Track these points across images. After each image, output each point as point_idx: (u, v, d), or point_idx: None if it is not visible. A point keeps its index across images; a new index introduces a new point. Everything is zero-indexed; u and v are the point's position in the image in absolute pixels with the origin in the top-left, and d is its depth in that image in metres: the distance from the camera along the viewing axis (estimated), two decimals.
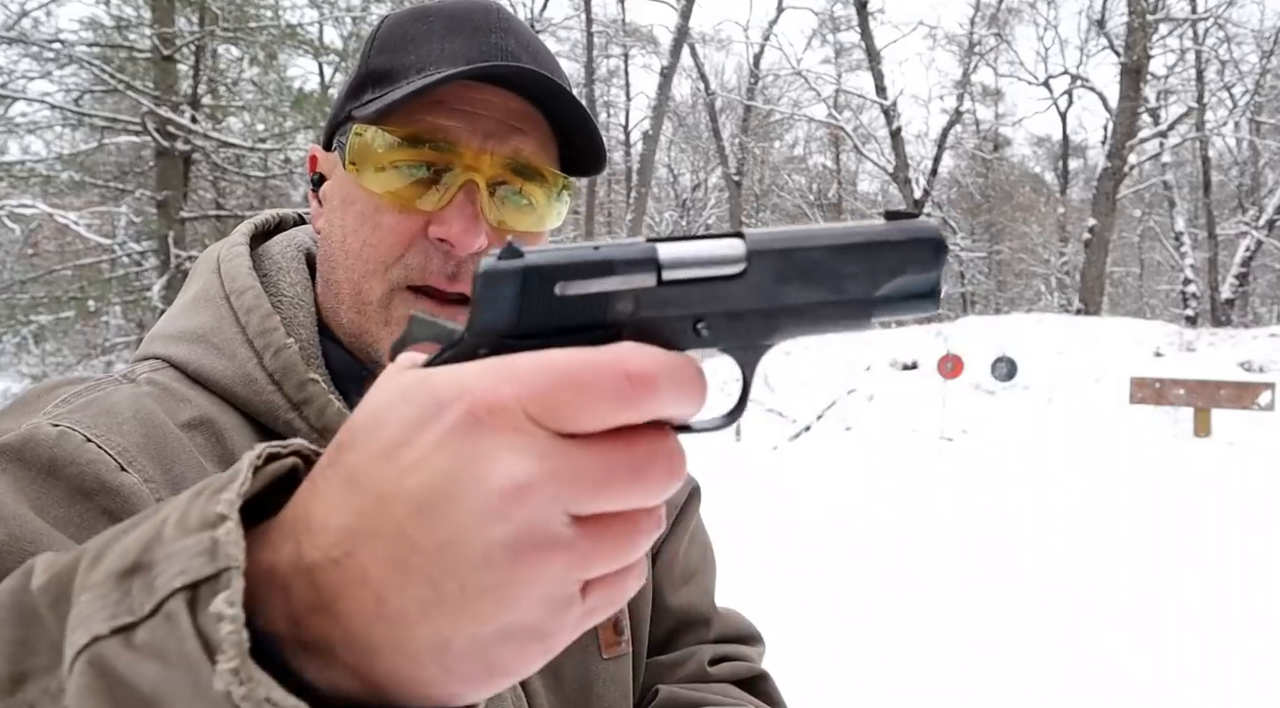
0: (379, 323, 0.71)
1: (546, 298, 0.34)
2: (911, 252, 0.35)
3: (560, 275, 0.34)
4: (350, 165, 0.70)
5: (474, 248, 0.68)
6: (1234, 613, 5.12)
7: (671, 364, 0.34)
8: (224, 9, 11.62)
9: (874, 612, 5.21)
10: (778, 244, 0.35)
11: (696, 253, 0.35)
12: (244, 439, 0.67)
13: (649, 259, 0.35)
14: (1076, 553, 6.49)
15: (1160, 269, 34.76)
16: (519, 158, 0.70)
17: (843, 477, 10.01)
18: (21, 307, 11.51)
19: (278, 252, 0.80)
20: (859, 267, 0.35)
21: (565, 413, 0.33)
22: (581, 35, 25.74)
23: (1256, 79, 22.77)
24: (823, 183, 36.52)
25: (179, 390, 0.68)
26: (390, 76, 0.71)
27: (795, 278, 0.35)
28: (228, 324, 0.71)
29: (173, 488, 0.60)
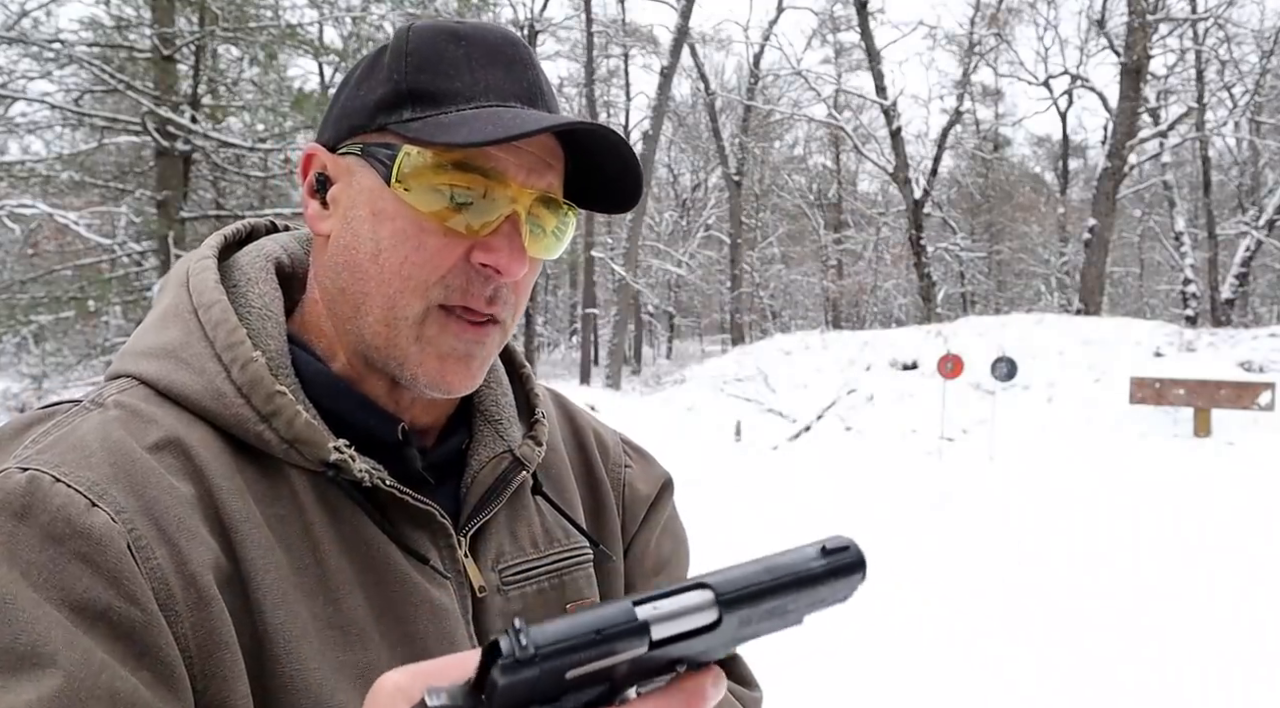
0: (410, 339, 0.73)
1: (558, 681, 0.39)
2: (842, 583, 0.43)
3: (571, 665, 0.39)
4: (397, 183, 0.71)
5: (519, 275, 0.73)
6: (1234, 613, 5.12)
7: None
8: (224, 9, 11.62)
9: (874, 611, 5.21)
10: (743, 595, 0.41)
11: (673, 609, 0.41)
12: (213, 454, 0.68)
13: (641, 632, 0.40)
14: (1076, 553, 6.50)
15: (1160, 269, 34.78)
16: (550, 192, 0.75)
17: (843, 477, 10.00)
18: (21, 307, 11.50)
19: (246, 263, 0.81)
20: (803, 601, 0.43)
21: None
22: (581, 35, 25.74)
23: (1256, 79, 22.77)
24: (823, 183, 36.53)
25: (146, 411, 0.69)
26: (435, 99, 0.72)
27: (755, 619, 0.42)
28: (196, 339, 0.72)
29: (145, 513, 0.62)
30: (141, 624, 0.58)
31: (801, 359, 16.85)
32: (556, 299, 39.61)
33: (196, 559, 0.62)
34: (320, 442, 0.70)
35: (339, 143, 0.76)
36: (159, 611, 0.59)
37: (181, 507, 0.64)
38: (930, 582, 5.84)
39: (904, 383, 14.61)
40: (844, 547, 0.43)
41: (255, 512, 0.67)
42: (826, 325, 31.89)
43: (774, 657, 4.48)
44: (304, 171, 0.79)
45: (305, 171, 0.78)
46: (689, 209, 36.38)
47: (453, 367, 0.73)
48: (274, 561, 0.66)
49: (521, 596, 0.80)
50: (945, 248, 30.90)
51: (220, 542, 0.65)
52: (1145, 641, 4.71)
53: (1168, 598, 5.42)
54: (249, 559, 0.65)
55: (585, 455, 0.94)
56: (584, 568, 0.85)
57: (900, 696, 4.07)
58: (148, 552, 0.60)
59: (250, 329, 0.74)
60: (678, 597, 0.41)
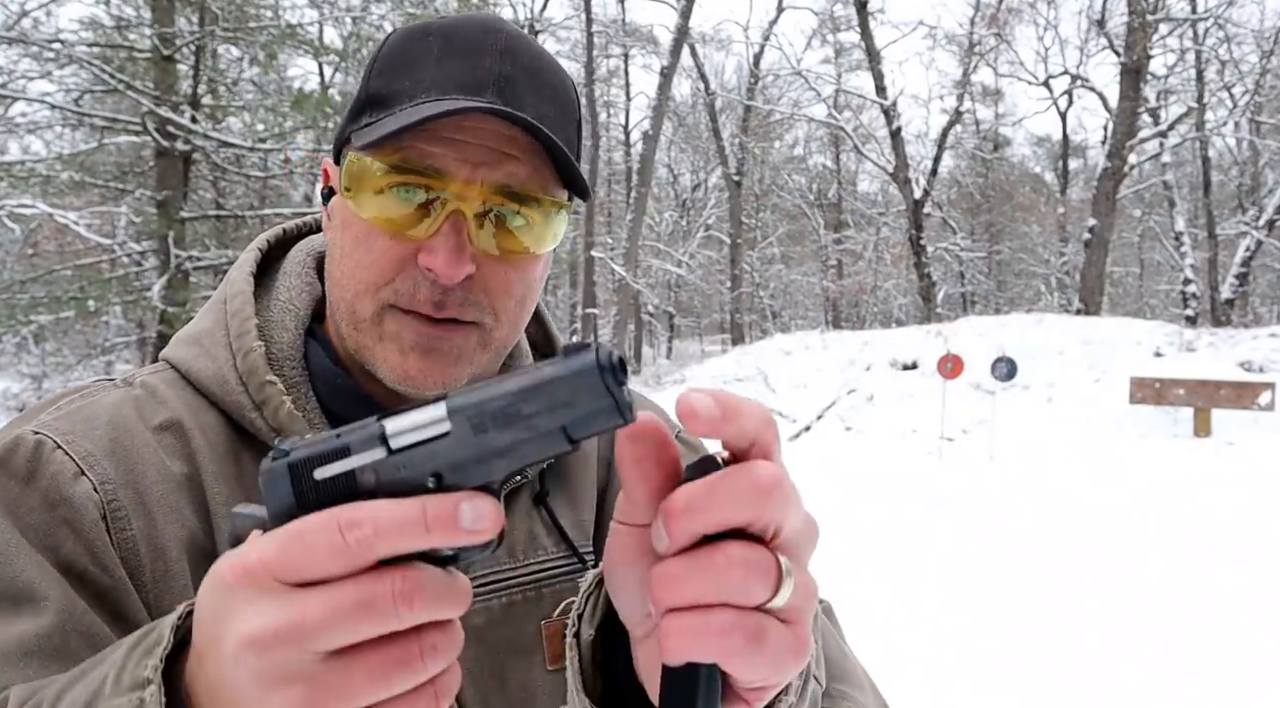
0: (374, 338, 0.73)
1: (311, 483, 0.42)
2: (577, 383, 0.40)
3: (315, 463, 0.42)
4: (345, 191, 0.72)
5: (458, 279, 0.69)
6: (1234, 613, 5.12)
7: (386, 510, 0.40)
8: (224, 9, 11.62)
9: (874, 611, 5.20)
10: (467, 401, 0.41)
11: (412, 422, 0.42)
12: (211, 438, 0.73)
13: (378, 435, 0.42)
14: (1076, 553, 6.49)
15: (1160, 269, 34.77)
16: (511, 184, 0.70)
17: (843, 477, 10.00)
18: (21, 307, 11.50)
19: (291, 256, 0.85)
20: (539, 405, 0.40)
21: (296, 565, 0.40)
22: (581, 35, 25.73)
23: (1256, 79, 22.76)
24: (823, 183, 36.51)
25: (163, 394, 0.74)
26: (385, 102, 0.71)
27: (490, 426, 0.41)
28: (219, 327, 0.77)
29: (131, 486, 0.68)
30: (110, 589, 0.64)
31: (801, 359, 16.84)
32: (556, 299, 39.59)
33: (170, 534, 0.67)
34: (301, 431, 0.73)
35: (336, 155, 0.78)
36: (127, 578, 0.65)
37: (168, 484, 0.69)
38: (930, 582, 5.84)
39: (904, 383, 14.61)
40: (582, 346, 0.41)
41: (242, 498, 0.71)
42: (826, 325, 31.88)
43: None
44: (324, 183, 0.81)
45: (325, 184, 0.81)
46: (689, 209, 36.36)
47: (415, 361, 0.71)
48: None
49: (486, 609, 0.76)
50: (945, 248, 30.88)
51: (203, 522, 0.70)
52: (1145, 640, 4.71)
53: (1168, 598, 5.42)
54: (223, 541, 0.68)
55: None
56: (573, 578, 0.81)
57: (899, 695, 4.07)
58: (124, 523, 0.66)
59: (270, 321, 0.79)
60: (422, 409, 0.42)
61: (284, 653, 0.40)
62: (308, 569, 0.40)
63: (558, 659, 0.78)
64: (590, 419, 0.40)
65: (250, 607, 0.40)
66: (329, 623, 0.39)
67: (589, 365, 0.40)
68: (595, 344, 0.41)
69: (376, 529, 0.39)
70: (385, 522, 0.39)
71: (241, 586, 0.41)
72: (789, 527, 0.43)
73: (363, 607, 0.39)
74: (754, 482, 0.41)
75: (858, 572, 6.05)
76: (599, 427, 0.41)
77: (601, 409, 0.40)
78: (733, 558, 0.41)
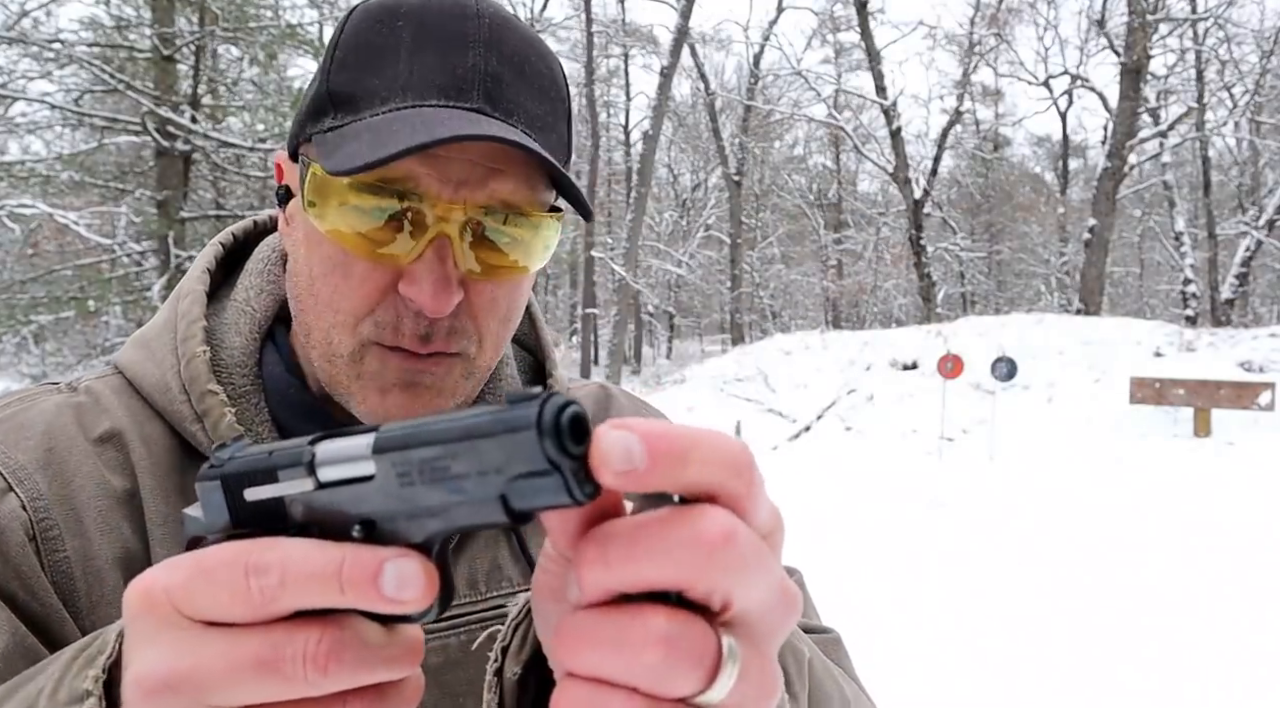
0: (350, 377, 0.65)
1: (242, 502, 0.37)
2: (511, 445, 0.31)
3: (244, 482, 0.37)
4: (309, 206, 0.62)
5: (445, 312, 0.62)
6: (1234, 612, 5.12)
7: (297, 557, 0.33)
8: (224, 9, 11.62)
9: (874, 611, 5.20)
10: (394, 441, 0.34)
11: (340, 452, 0.35)
12: (152, 451, 0.66)
13: (305, 462, 0.36)
14: (1076, 553, 6.49)
15: (1160, 269, 34.78)
16: (495, 202, 0.63)
17: (843, 477, 10.00)
18: (21, 307, 11.51)
19: (257, 252, 0.78)
20: (469, 465, 0.32)
21: (197, 602, 0.34)
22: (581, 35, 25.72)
23: (1256, 79, 22.77)
24: (823, 183, 36.52)
25: (106, 400, 0.68)
26: (351, 102, 0.62)
27: (415, 480, 0.33)
28: (167, 329, 0.71)
29: (65, 502, 0.62)
30: (42, 617, 0.58)
31: (801, 359, 16.85)
32: (556, 299, 39.60)
33: (107, 555, 0.62)
34: None
35: (293, 150, 0.68)
36: (60, 605, 0.59)
37: (106, 500, 0.63)
38: (929, 582, 5.84)
39: (904, 383, 14.61)
40: (528, 397, 0.32)
41: (178, 515, 0.65)
42: (826, 325, 31.87)
43: None
44: (278, 181, 0.72)
45: (279, 181, 0.71)
46: (689, 209, 36.35)
47: (395, 399, 0.64)
48: None
49: (444, 648, 0.68)
50: (945, 248, 30.89)
51: (140, 542, 0.64)
52: (1145, 640, 4.71)
53: (1168, 598, 5.42)
54: (159, 558, 0.63)
55: None
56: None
57: (899, 695, 4.06)
58: (55, 543, 0.60)
59: (222, 322, 0.71)
60: (354, 437, 0.35)
61: (175, 702, 0.34)
62: (209, 609, 0.34)
63: None
64: (530, 492, 0.32)
65: (147, 643, 0.35)
66: (225, 679, 0.34)
67: (525, 424, 0.31)
68: (543, 396, 0.32)
69: (283, 579, 0.33)
70: (294, 573, 0.33)
71: (143, 613, 0.35)
72: (747, 599, 0.32)
73: (265, 666, 0.33)
74: (696, 534, 0.31)
75: (857, 572, 6.05)
76: (543, 502, 0.32)
77: (542, 483, 0.31)
78: (651, 631, 0.31)
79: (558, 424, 0.31)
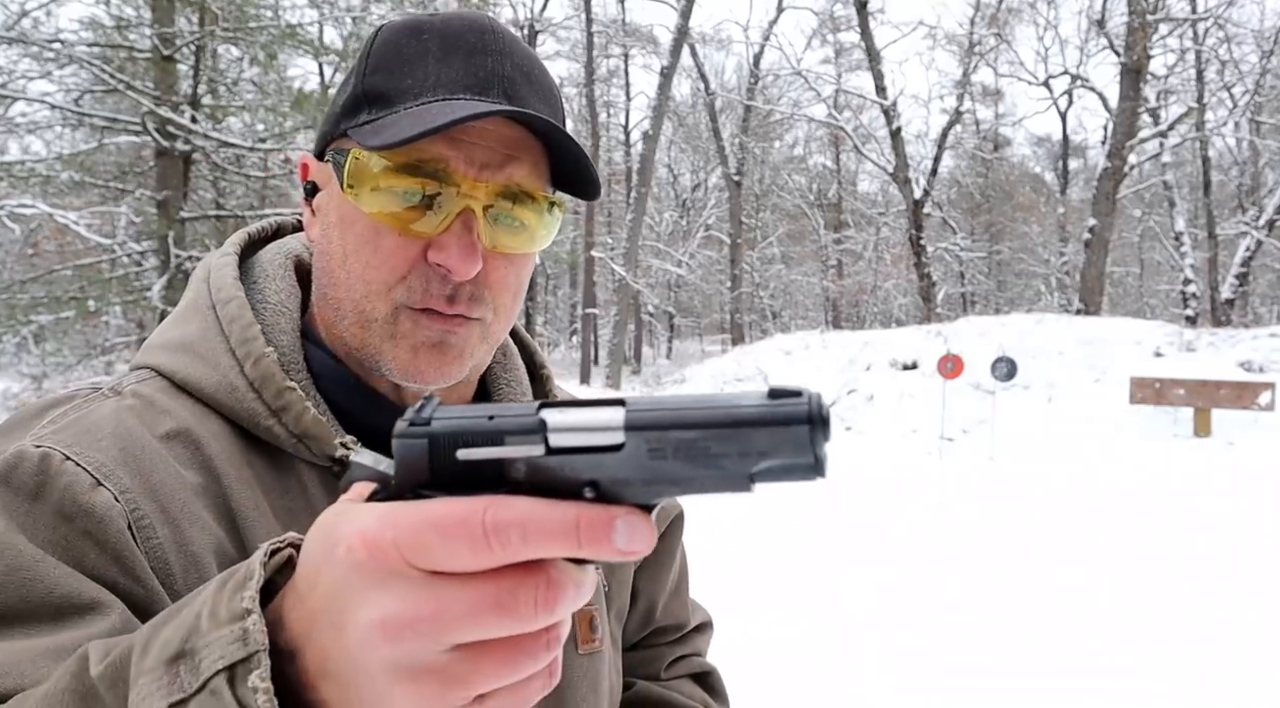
0: (384, 338, 0.73)
1: (450, 460, 0.40)
2: (782, 435, 0.37)
3: (459, 442, 0.39)
4: (348, 187, 0.71)
5: (471, 274, 0.71)
6: (1234, 612, 5.12)
7: (537, 516, 0.37)
8: (224, 9, 11.61)
9: (874, 611, 5.21)
10: (652, 421, 0.38)
11: (580, 421, 0.38)
12: (222, 445, 0.71)
13: (537, 429, 0.39)
14: (1076, 553, 6.50)
15: (1160, 269, 34.78)
16: (512, 184, 0.72)
17: (843, 477, 10.00)
18: (21, 307, 11.50)
19: (268, 260, 0.84)
20: (731, 447, 0.37)
21: (433, 556, 0.37)
22: (581, 35, 25.73)
23: (1256, 79, 22.76)
24: (823, 183, 36.51)
25: (161, 402, 0.72)
26: (387, 99, 0.71)
27: (669, 455, 0.37)
28: (213, 333, 0.75)
29: (150, 495, 0.65)
30: (144, 599, 0.61)
31: (801, 359, 16.84)
32: (556, 299, 39.61)
33: (199, 541, 0.65)
34: (327, 437, 0.72)
35: (322, 150, 0.77)
36: (160, 587, 0.62)
37: (186, 492, 0.66)
38: (930, 582, 5.84)
39: (904, 383, 14.60)
40: (794, 392, 0.37)
41: (264, 503, 0.70)
42: (826, 325, 31.89)
43: (773, 655, 4.48)
44: (303, 179, 0.81)
45: (304, 179, 0.80)
46: (689, 209, 36.36)
47: (425, 355, 0.73)
48: None
49: None
50: (945, 248, 30.89)
51: (226, 529, 0.68)
52: (1146, 640, 4.71)
53: (1168, 597, 5.42)
54: (255, 545, 0.66)
55: None
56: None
57: (900, 695, 4.06)
58: (149, 531, 0.63)
59: (265, 324, 0.77)
60: (590, 409, 0.39)
61: (418, 644, 0.38)
62: (442, 562, 0.38)
63: (586, 643, 0.85)
64: (784, 472, 0.37)
65: (384, 590, 0.38)
66: (468, 620, 0.38)
67: (799, 417, 0.37)
68: (808, 394, 0.37)
69: (525, 535, 0.37)
70: (535, 529, 0.37)
71: (374, 566, 0.38)
72: None
73: (503, 609, 0.38)
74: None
75: (857, 572, 6.05)
76: (789, 479, 0.37)
77: (800, 465, 0.37)
78: None
79: (823, 417, 0.37)
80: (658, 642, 1.04)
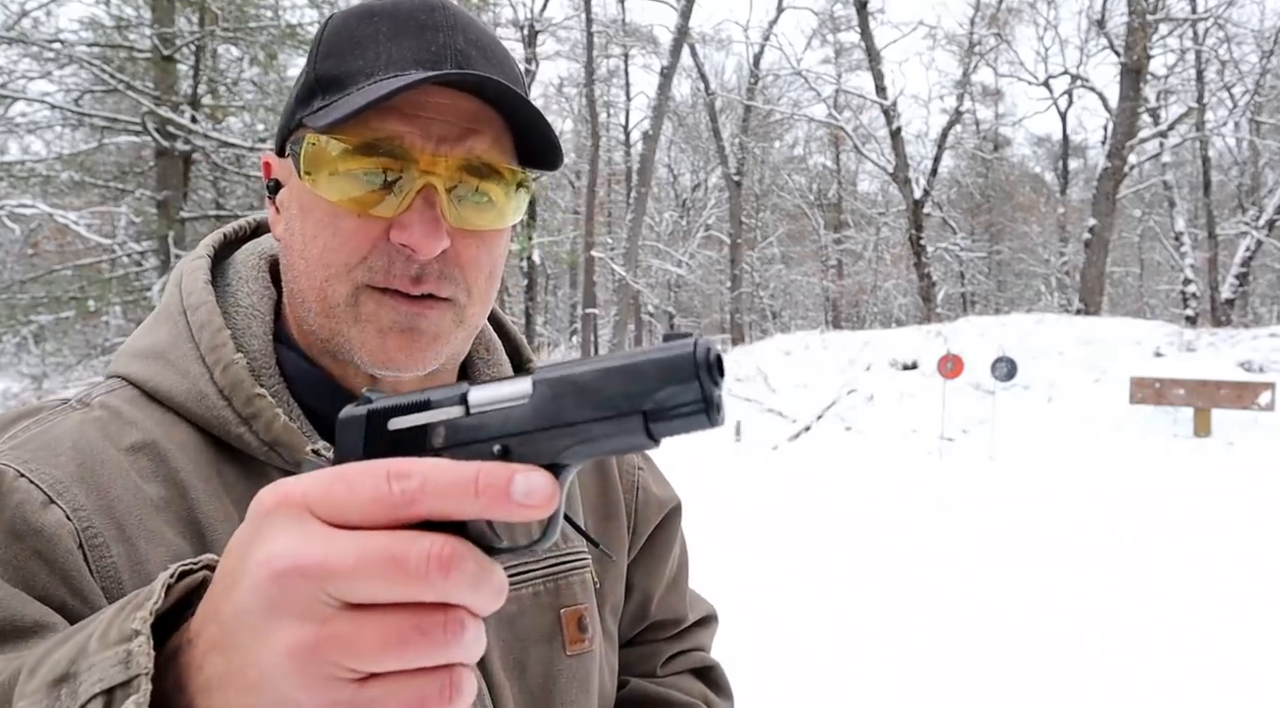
0: (348, 322, 0.71)
1: (384, 432, 0.43)
2: (668, 370, 0.38)
3: (391, 413, 0.43)
4: (306, 174, 0.69)
5: (436, 252, 0.68)
6: (1234, 612, 5.12)
7: (440, 469, 0.37)
8: (224, 9, 11.62)
9: (874, 611, 5.21)
10: (555, 373, 0.41)
11: (496, 390, 0.42)
12: (190, 455, 0.70)
13: (460, 396, 0.42)
14: (1077, 553, 6.49)
15: (1160, 269, 34.76)
16: (473, 158, 0.70)
17: (843, 477, 10.00)
18: (21, 307, 11.51)
19: (241, 261, 0.82)
20: (622, 386, 0.39)
21: (334, 504, 0.38)
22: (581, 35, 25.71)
23: (1256, 79, 22.76)
24: (823, 183, 36.50)
25: (128, 413, 0.71)
26: (339, 83, 0.70)
27: (568, 396, 0.40)
28: (183, 340, 0.74)
29: (106, 512, 0.64)
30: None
31: (801, 359, 16.84)
32: (556, 299, 39.61)
33: (156, 560, 0.63)
34: (298, 444, 0.70)
35: (281, 145, 0.76)
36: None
37: (146, 508, 0.65)
38: (930, 582, 5.84)
39: (904, 383, 14.60)
40: (683, 335, 0.40)
41: (234, 513, 0.68)
42: (826, 325, 31.87)
43: (771, 654, 4.48)
44: (266, 178, 0.79)
45: (267, 178, 0.79)
46: (689, 209, 36.35)
47: (394, 340, 0.70)
48: None
49: (517, 598, 0.80)
50: (945, 248, 30.88)
51: (192, 543, 0.66)
52: (1145, 640, 4.71)
53: (1168, 598, 5.42)
54: None
55: None
56: (580, 573, 0.85)
57: (900, 695, 4.07)
58: (102, 550, 0.62)
59: (236, 328, 0.75)
60: (508, 382, 0.42)
61: (300, 586, 0.37)
62: (346, 511, 0.38)
63: (575, 643, 0.84)
64: (674, 413, 0.38)
65: (279, 532, 0.38)
66: (354, 569, 0.37)
67: (684, 353, 0.38)
68: (695, 336, 0.39)
69: (424, 484, 0.37)
70: (435, 479, 0.37)
71: (278, 513, 0.39)
72: None
73: (394, 562, 0.36)
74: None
75: (857, 572, 6.05)
76: (682, 425, 0.39)
77: (687, 404, 0.38)
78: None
79: (708, 359, 0.38)
80: (654, 637, 1.01)
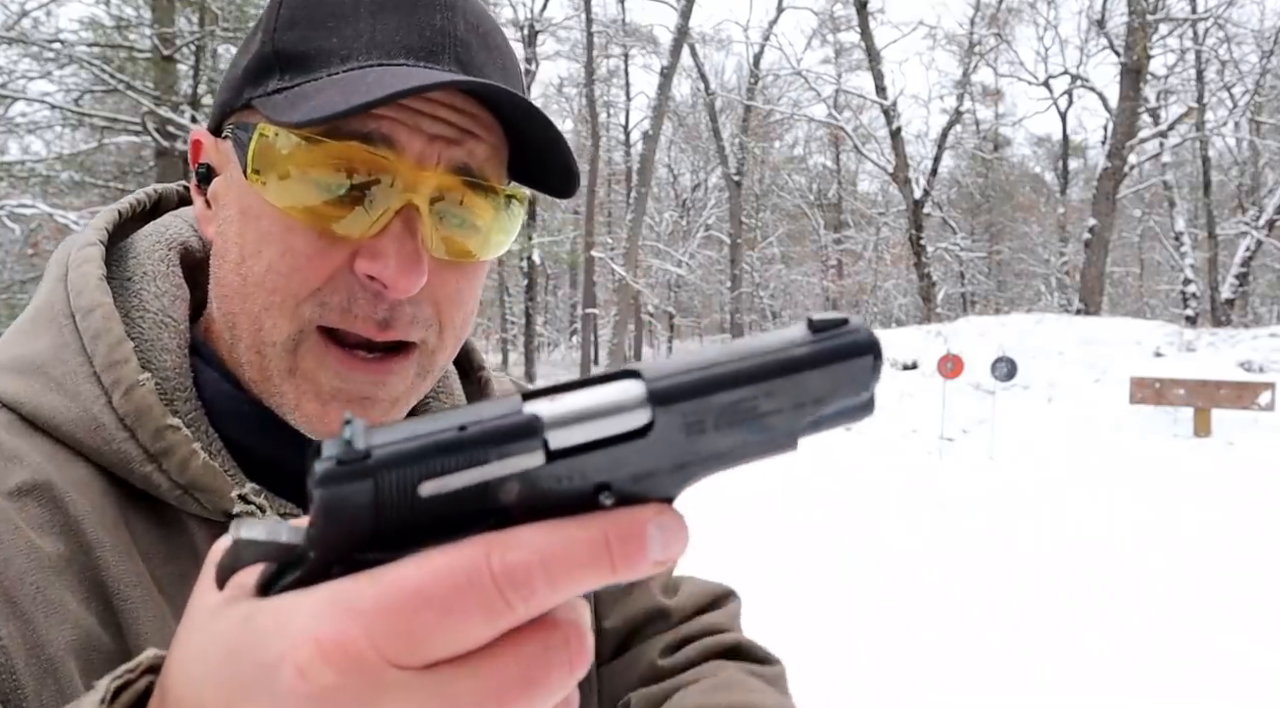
0: (282, 372, 0.57)
1: (410, 502, 0.27)
2: (843, 372, 0.30)
3: (422, 475, 0.27)
4: (253, 173, 0.55)
5: (413, 291, 0.54)
6: (1234, 613, 5.12)
7: (557, 547, 0.27)
8: (224, 9, 11.62)
9: (874, 611, 5.21)
10: (684, 388, 0.28)
11: (585, 406, 0.28)
12: (90, 500, 0.54)
13: (531, 431, 0.27)
14: (1077, 553, 6.49)
15: (1160, 269, 34.76)
16: (468, 168, 0.57)
17: (843, 477, 10.00)
18: (21, 306, 11.50)
19: (144, 250, 0.65)
20: (785, 400, 0.29)
21: (433, 642, 0.26)
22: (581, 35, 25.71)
23: (1256, 79, 22.77)
24: (823, 183, 36.52)
25: (8, 445, 0.54)
26: (303, 62, 0.55)
27: (710, 426, 0.29)
28: (70, 352, 0.57)
29: None
30: None
31: None
32: (556, 299, 39.61)
33: (56, 639, 0.49)
34: (221, 488, 0.56)
35: (219, 124, 0.60)
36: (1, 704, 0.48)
37: (41, 573, 0.50)
38: (930, 582, 5.84)
39: (904, 383, 14.60)
40: (839, 321, 0.30)
41: (145, 573, 0.54)
42: None
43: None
44: (193, 161, 0.63)
45: (194, 162, 0.63)
46: (689, 209, 36.35)
47: (338, 411, 0.56)
48: (169, 632, 0.51)
49: None
50: (945, 248, 30.88)
51: (99, 611, 0.52)
52: (1145, 640, 4.71)
53: (1168, 598, 5.42)
54: (137, 632, 0.52)
55: None
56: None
57: (900, 695, 4.06)
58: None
59: (142, 339, 0.60)
60: (591, 389, 0.29)
61: None
62: (447, 645, 0.26)
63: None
64: (835, 418, 0.30)
65: None
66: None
67: (860, 348, 0.30)
68: (855, 320, 0.30)
69: (550, 577, 0.26)
70: (561, 565, 0.26)
71: (348, 682, 0.25)
72: None
73: (534, 683, 0.27)
74: None
75: (857, 572, 6.05)
76: (836, 425, 0.31)
77: (855, 406, 0.30)
78: None
79: (878, 346, 0.30)
80: (640, 639, 0.88)
